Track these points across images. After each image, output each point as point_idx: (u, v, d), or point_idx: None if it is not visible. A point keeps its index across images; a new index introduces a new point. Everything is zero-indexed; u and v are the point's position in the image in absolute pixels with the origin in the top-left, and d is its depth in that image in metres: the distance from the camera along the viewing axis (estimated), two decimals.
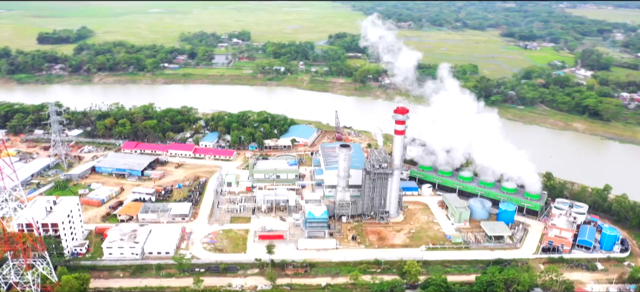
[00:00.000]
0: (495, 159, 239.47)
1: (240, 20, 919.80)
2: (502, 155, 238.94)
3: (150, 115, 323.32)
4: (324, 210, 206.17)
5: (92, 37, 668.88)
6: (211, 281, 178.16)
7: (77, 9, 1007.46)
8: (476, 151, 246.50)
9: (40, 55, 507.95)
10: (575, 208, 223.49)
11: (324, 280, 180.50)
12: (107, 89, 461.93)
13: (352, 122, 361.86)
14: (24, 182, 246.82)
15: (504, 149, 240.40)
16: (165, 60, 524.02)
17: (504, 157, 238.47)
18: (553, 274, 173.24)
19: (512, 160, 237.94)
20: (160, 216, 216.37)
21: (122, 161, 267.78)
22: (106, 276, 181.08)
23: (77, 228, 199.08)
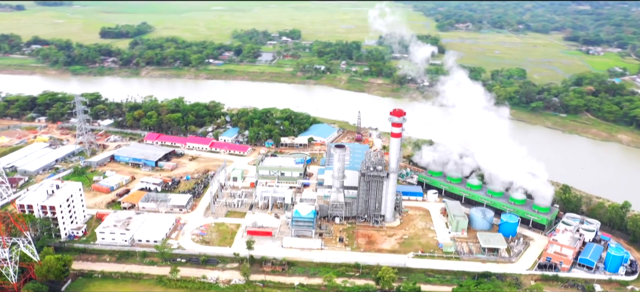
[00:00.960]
0: (503, 167, 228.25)
1: (296, 19, 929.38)
2: (510, 162, 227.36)
3: (178, 109, 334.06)
4: (312, 209, 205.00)
5: (150, 33, 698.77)
6: (188, 271, 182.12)
7: (145, 6, 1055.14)
8: (483, 157, 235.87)
9: (96, 48, 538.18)
10: (585, 224, 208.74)
11: (299, 280, 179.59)
12: (153, 82, 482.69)
13: (379, 123, 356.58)
14: (47, 167, 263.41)
15: (513, 156, 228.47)
16: (211, 56, 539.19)
17: (512, 165, 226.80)
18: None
19: (521, 169, 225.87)
20: (159, 205, 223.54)
21: (139, 151, 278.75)
22: (94, 259, 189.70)
23: (78, 212, 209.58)
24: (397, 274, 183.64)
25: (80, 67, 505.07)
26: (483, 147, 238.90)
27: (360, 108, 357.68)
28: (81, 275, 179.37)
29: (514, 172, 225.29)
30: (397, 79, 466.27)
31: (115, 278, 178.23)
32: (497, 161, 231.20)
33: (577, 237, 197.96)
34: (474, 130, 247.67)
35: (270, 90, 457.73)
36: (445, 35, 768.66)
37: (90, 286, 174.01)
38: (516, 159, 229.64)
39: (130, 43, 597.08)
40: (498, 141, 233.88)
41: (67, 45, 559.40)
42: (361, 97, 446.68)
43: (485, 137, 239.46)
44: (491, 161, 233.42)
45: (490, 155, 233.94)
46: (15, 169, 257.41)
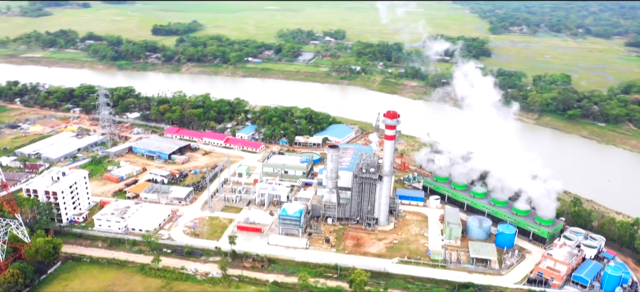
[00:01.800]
0: (506, 174, 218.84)
1: (346, 19, 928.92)
2: (514, 170, 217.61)
3: (201, 104, 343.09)
4: (299, 208, 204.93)
5: (199, 31, 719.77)
6: (171, 261, 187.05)
7: (202, 5, 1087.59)
8: (487, 163, 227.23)
9: (142, 45, 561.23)
10: (588, 240, 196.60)
11: (275, 277, 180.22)
12: (192, 78, 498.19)
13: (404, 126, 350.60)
14: (69, 155, 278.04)
15: (518, 163, 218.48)
16: (251, 55, 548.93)
17: (517, 173, 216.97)
18: None
19: (526, 178, 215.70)
20: (160, 197, 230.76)
21: (155, 144, 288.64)
22: (88, 245, 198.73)
23: (82, 199, 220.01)
24: (376, 278, 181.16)
25: (125, 62, 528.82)
26: (487, 153, 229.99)
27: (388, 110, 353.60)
28: (71, 258, 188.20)
29: (517, 180, 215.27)
30: (431, 81, 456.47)
31: (101, 264, 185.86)
32: (500, 168, 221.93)
33: (575, 253, 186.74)
34: (481, 135, 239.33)
35: (303, 90, 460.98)
36: (496, 38, 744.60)
37: (77, 269, 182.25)
38: (522, 167, 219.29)
39: (177, 40, 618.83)
40: (503, 147, 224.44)
41: (117, 41, 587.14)
42: (392, 99, 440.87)
43: (491, 142, 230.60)
44: (495, 167, 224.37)
45: (494, 161, 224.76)
46: (40, 155, 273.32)
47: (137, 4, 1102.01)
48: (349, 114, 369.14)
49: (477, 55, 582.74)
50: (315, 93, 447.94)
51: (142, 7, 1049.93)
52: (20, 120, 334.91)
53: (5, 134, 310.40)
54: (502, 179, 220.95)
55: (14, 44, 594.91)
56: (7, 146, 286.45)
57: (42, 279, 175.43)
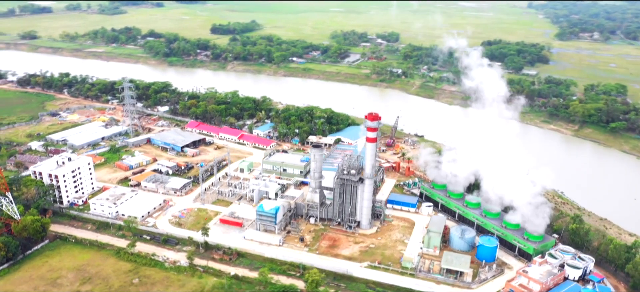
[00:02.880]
0: (500, 185, 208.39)
1: (406, 22, 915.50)
2: (509, 180, 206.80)
3: (227, 101, 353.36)
4: (276, 206, 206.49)
5: (256, 31, 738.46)
6: (146, 247, 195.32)
7: (268, 6, 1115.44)
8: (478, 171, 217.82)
9: (195, 42, 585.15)
10: (575, 260, 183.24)
11: (238, 270, 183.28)
12: (236, 76, 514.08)
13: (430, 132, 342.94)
14: (92, 143, 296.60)
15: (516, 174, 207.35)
16: (296, 55, 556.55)
17: (510, 184, 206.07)
18: None
19: (519, 190, 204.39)
20: (158, 186, 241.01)
21: (171, 137, 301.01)
22: (78, 226, 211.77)
23: (85, 183, 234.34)
24: (339, 280, 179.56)
25: (176, 58, 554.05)
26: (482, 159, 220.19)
27: (420, 114, 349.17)
28: (59, 238, 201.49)
29: (509, 193, 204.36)
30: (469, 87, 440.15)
31: (84, 244, 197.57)
32: (493, 178, 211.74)
33: (555, 272, 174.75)
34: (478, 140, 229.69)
35: (339, 90, 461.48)
36: (561, 44, 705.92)
37: (61, 248, 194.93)
38: (517, 176, 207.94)
39: (230, 39, 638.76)
40: (500, 153, 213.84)
41: (175, 38, 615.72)
42: (427, 103, 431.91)
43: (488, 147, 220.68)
44: (487, 176, 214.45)
45: (488, 169, 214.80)
46: (66, 142, 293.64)
47: (208, 3, 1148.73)
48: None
49: (532, 61, 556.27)
50: (350, 94, 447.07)
51: (211, 6, 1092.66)
52: (62, 109, 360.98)
53: (45, 121, 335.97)
54: (494, 190, 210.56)
55: (82, 39, 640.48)
56: (41, 132, 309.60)
57: (27, 254, 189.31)
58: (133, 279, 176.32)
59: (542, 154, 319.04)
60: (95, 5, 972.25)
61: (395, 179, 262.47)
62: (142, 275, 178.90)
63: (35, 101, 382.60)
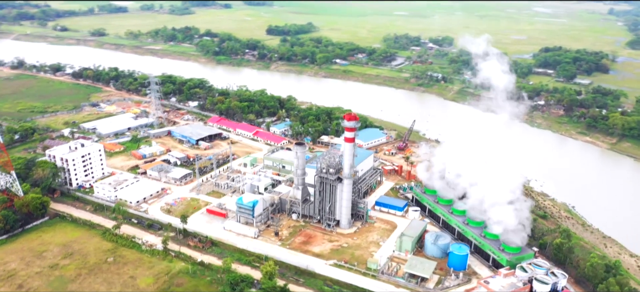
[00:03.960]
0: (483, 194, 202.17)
1: (470, 26, 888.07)
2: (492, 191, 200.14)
3: (253, 99, 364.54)
4: (254, 199, 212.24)
5: (310, 33, 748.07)
6: (130, 230, 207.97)
7: (331, 8, 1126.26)
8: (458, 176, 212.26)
9: (245, 42, 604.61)
10: (548, 275, 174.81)
11: (207, 258, 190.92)
12: (280, 76, 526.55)
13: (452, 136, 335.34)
14: (118, 132, 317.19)
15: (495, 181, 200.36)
16: (340, 57, 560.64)
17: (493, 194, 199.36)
18: None
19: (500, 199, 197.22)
20: (161, 175, 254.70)
21: (190, 130, 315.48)
22: (79, 207, 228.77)
23: (95, 168, 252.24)
24: (300, 275, 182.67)
25: (224, 57, 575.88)
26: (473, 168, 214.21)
27: (449, 119, 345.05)
28: (58, 215, 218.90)
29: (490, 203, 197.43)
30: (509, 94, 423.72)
31: (77, 223, 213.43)
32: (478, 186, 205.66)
33: (518, 285, 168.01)
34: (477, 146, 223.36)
35: (374, 93, 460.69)
36: (631, 53, 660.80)
37: (57, 225, 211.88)
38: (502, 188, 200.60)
39: (281, 40, 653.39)
40: (495, 162, 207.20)
41: (228, 38, 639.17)
42: (460, 109, 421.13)
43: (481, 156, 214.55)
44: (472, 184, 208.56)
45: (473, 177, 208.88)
46: (95, 130, 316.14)
47: (275, 5, 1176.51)
48: (401, 120, 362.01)
49: (590, 70, 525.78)
50: (384, 97, 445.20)
51: (276, 9, 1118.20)
52: (103, 100, 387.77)
53: (85, 110, 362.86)
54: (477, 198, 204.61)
55: (143, 37, 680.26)
56: (76, 120, 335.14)
57: (26, 228, 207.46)
58: (108, 258, 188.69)
59: (568, 166, 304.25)
60: (167, 6, 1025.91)
61: (395, 182, 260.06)
62: (118, 255, 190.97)
63: (83, 92, 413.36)
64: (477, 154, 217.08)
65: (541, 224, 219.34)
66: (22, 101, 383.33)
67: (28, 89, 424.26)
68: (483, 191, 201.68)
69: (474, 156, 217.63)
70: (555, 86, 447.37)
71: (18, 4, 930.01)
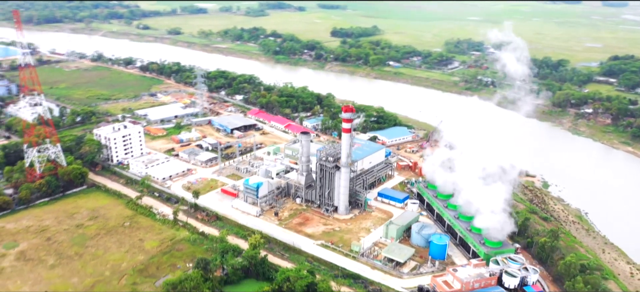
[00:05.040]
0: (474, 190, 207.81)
1: (542, 33, 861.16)
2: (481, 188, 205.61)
3: (293, 95, 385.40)
4: (259, 181, 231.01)
5: (374, 36, 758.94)
6: (151, 201, 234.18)
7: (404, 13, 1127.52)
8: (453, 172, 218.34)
9: (304, 43, 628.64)
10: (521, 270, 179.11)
11: (209, 229, 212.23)
12: (333, 75, 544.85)
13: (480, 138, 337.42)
14: (165, 119, 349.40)
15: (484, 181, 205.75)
16: (394, 59, 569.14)
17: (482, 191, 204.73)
18: None
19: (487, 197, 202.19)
20: (190, 157, 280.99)
21: (227, 120, 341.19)
22: (114, 180, 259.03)
23: (135, 148, 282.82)
24: (287, 251, 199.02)
25: (283, 56, 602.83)
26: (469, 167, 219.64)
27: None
28: (95, 185, 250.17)
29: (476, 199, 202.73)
30: (556, 100, 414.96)
31: (109, 193, 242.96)
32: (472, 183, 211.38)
33: (485, 276, 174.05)
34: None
35: (420, 95, 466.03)
36: None
37: (92, 193, 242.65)
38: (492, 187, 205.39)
39: (341, 42, 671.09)
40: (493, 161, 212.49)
41: (290, 38, 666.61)
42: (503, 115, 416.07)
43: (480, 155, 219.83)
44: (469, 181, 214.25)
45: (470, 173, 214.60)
46: (146, 116, 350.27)
47: (348, 9, 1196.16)
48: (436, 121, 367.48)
49: None
50: (429, 100, 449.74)
51: (349, 12, 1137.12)
52: (161, 91, 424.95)
53: (143, 99, 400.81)
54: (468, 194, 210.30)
55: (214, 36, 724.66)
56: (131, 107, 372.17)
57: (66, 193, 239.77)
58: (126, 222, 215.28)
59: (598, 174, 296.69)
60: (244, 8, 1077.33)
61: (406, 177, 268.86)
62: (134, 221, 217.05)
63: (147, 84, 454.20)
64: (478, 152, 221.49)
65: (540, 225, 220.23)
66: (93, 89, 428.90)
67: (101, 79, 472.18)
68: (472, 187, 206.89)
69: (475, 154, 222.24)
70: (610, 95, 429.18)
71: (111, 4, 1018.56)
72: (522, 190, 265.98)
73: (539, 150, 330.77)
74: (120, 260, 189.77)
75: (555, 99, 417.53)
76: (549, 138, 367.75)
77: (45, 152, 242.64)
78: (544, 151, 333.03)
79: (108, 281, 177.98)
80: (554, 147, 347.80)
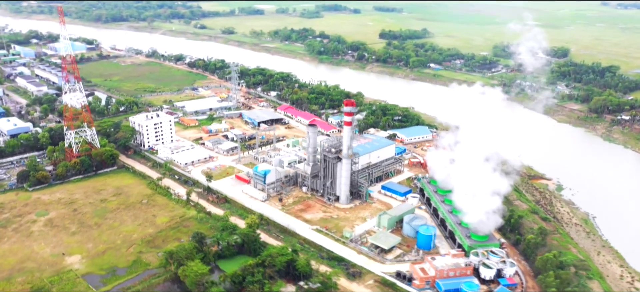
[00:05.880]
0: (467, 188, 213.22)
1: (602, 39, 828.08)
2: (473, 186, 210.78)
3: (322, 92, 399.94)
4: (267, 169, 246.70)
5: (422, 39, 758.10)
6: (169, 183, 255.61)
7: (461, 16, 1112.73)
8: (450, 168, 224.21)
9: (349, 44, 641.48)
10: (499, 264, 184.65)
11: (215, 210, 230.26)
12: (372, 76, 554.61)
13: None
14: (200, 111, 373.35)
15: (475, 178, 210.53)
16: (436, 61, 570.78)
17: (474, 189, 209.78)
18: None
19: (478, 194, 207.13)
20: (214, 146, 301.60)
21: (256, 114, 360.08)
22: (142, 163, 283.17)
23: (165, 135, 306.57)
24: (283, 233, 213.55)
25: (326, 57, 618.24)
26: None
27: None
28: (124, 167, 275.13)
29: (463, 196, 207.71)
30: (593, 106, 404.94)
31: (135, 174, 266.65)
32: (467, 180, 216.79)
33: (460, 266, 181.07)
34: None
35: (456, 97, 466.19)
36: None
37: (121, 174, 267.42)
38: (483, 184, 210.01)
39: (386, 43, 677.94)
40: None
41: (337, 40, 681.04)
42: (536, 118, 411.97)
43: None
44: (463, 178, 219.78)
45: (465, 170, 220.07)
46: (183, 108, 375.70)
47: (404, 12, 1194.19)
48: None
49: None
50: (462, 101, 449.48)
51: (405, 15, 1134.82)
52: (203, 86, 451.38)
53: (185, 92, 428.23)
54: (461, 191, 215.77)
55: (264, 36, 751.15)
56: (172, 99, 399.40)
57: (98, 172, 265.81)
58: (143, 199, 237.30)
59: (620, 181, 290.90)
60: (299, 9, 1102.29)
61: (415, 173, 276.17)
62: (151, 199, 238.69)
63: (192, 79, 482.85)
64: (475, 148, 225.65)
65: (538, 224, 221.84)
66: (142, 82, 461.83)
67: (151, 73, 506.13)
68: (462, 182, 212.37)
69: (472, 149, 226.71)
70: (622, 99, 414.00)
71: (175, 4, 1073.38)
72: (531, 191, 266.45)
73: (563, 154, 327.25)
74: (132, 231, 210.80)
75: (592, 105, 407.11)
76: (578, 143, 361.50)
77: (83, 135, 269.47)
78: (568, 155, 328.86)
79: (118, 248, 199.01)
80: (581, 152, 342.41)
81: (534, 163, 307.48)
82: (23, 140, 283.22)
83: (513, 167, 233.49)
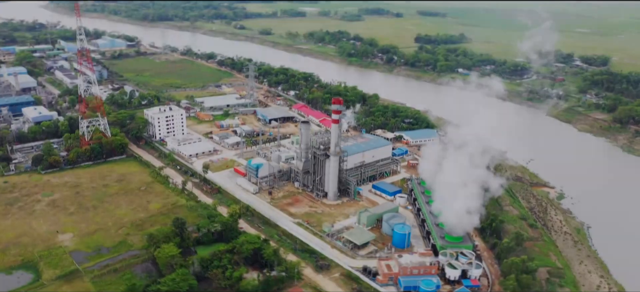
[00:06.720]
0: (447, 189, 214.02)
1: None
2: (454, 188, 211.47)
3: (339, 92, 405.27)
4: (260, 163, 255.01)
5: (459, 43, 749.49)
6: (170, 172, 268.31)
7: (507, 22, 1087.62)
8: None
9: (379, 47, 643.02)
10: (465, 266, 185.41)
11: (206, 199, 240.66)
12: (399, 79, 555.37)
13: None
14: (216, 107, 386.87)
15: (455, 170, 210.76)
16: (464, 66, 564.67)
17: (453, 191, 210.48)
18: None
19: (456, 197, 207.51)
20: (221, 139, 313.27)
21: (268, 112, 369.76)
22: (150, 152, 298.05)
23: (177, 128, 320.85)
24: (266, 225, 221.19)
25: (356, 59, 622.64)
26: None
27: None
28: (133, 156, 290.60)
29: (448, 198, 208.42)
30: (618, 116, 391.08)
31: (141, 163, 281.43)
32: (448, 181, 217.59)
33: (425, 264, 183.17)
34: None
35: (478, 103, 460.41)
36: None
37: (128, 161, 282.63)
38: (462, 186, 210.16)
39: (419, 47, 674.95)
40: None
41: (369, 43, 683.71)
42: (555, 126, 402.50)
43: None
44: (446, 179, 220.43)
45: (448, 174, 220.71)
46: (202, 103, 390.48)
47: (448, 16, 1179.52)
48: None
49: None
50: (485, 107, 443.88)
51: (448, 20, 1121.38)
52: (227, 83, 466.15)
53: (208, 89, 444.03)
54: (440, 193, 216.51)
55: (299, 37, 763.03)
56: (193, 95, 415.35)
57: (107, 159, 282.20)
58: (142, 187, 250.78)
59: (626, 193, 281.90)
60: (341, 12, 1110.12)
61: (411, 174, 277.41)
62: (150, 186, 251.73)
63: (219, 76, 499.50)
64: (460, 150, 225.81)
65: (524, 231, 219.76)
66: (170, 78, 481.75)
67: (182, 70, 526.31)
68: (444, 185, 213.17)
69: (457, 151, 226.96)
70: None
71: (220, 4, 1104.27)
72: (528, 197, 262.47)
73: (575, 163, 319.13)
74: (125, 215, 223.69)
75: (617, 114, 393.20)
76: (595, 152, 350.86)
77: (95, 124, 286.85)
78: (580, 164, 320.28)
79: (108, 229, 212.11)
80: (595, 162, 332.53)
81: (540, 171, 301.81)
82: (44, 128, 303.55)
83: (502, 166, 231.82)
